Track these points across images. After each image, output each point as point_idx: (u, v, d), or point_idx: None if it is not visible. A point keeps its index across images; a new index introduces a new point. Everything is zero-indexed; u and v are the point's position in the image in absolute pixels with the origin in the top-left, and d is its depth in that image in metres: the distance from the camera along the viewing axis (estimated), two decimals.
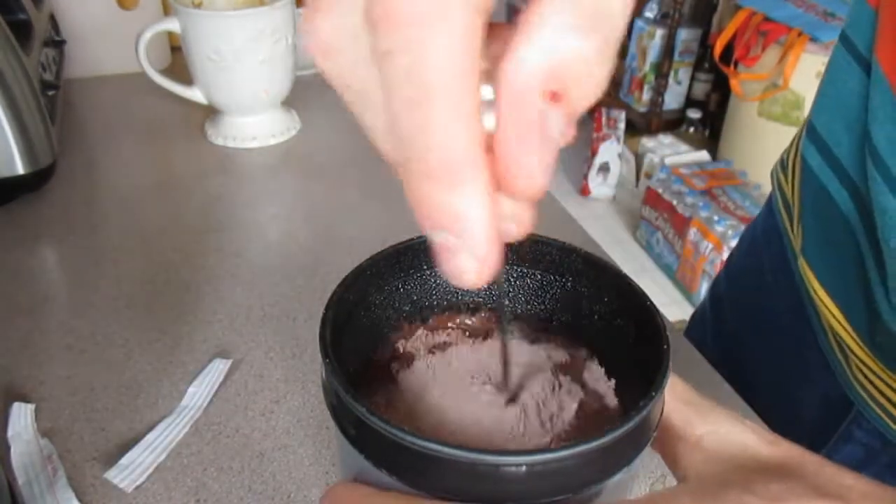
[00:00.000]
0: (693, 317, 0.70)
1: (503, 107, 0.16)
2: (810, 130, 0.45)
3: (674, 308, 1.98)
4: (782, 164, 0.53)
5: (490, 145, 0.17)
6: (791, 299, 0.51)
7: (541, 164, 0.17)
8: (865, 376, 0.44)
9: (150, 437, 0.41)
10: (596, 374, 0.28)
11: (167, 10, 0.86)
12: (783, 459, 0.22)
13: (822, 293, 0.45)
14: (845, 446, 0.47)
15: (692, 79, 2.58)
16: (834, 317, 0.44)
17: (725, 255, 1.81)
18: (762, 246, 0.56)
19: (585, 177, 2.42)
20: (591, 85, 0.16)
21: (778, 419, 0.51)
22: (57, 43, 0.75)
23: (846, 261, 0.42)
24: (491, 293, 0.30)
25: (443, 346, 0.28)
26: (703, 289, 1.96)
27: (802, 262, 0.46)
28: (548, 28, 0.16)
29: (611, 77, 0.17)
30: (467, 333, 0.29)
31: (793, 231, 0.50)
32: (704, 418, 0.23)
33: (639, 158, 2.42)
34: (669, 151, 2.32)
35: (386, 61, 0.15)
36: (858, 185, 0.41)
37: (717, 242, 1.89)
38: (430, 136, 0.16)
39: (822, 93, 0.45)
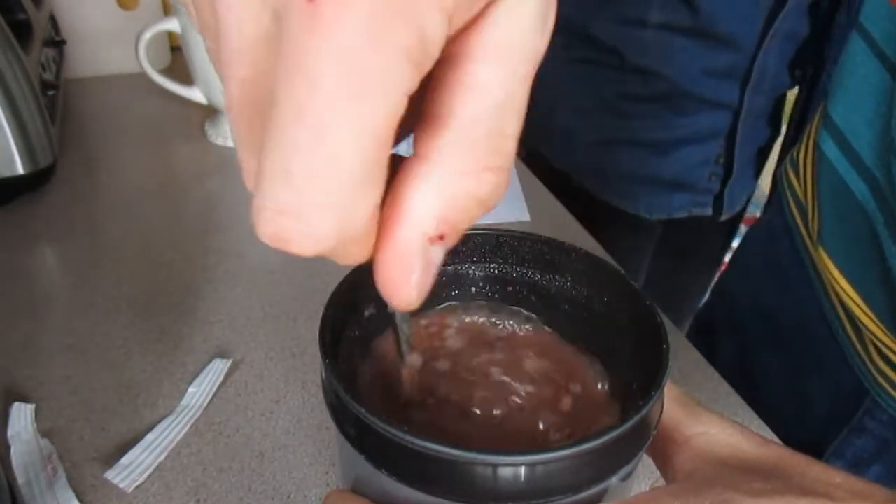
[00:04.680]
0: (697, 317, 0.70)
1: (385, 248, 0.16)
2: (827, 120, 0.45)
3: None
4: (792, 161, 0.53)
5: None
6: (805, 294, 0.51)
7: (419, 287, 0.16)
8: (887, 360, 0.44)
9: (150, 437, 0.41)
10: (592, 372, 0.28)
11: (167, 10, 0.86)
12: (771, 460, 0.22)
13: (842, 281, 0.45)
14: (858, 439, 0.48)
15: None
16: (855, 303, 0.44)
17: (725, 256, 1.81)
18: (771, 245, 0.57)
19: None
20: (481, 214, 0.16)
21: (789, 414, 0.51)
22: (57, 43, 0.75)
23: (865, 248, 0.43)
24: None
25: (442, 343, 0.28)
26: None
27: (821, 251, 0.46)
28: (440, 172, 0.15)
29: None
30: (465, 330, 0.29)
31: (806, 227, 0.50)
32: (695, 420, 0.23)
33: None
34: None
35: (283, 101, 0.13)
36: (878, 178, 0.41)
37: None
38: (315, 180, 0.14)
39: (838, 83, 0.45)
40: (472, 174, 0.15)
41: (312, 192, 0.14)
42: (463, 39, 0.14)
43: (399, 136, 0.16)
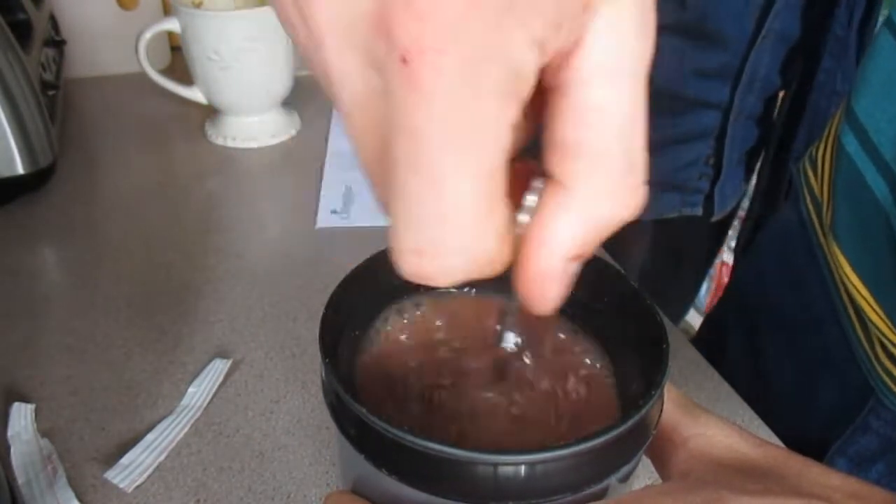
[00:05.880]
0: (709, 315, 0.70)
1: (528, 269, 0.16)
2: (849, 115, 0.45)
3: None
4: (810, 158, 0.53)
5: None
6: (817, 292, 0.51)
7: (557, 297, 0.17)
8: (892, 358, 0.44)
9: (150, 437, 0.41)
10: (593, 373, 0.28)
11: (167, 10, 0.86)
12: (768, 461, 0.22)
13: (853, 276, 0.45)
14: (862, 437, 0.48)
15: None
16: (864, 298, 0.44)
17: (725, 256, 1.81)
18: (785, 243, 0.57)
19: None
20: (620, 227, 0.16)
21: (797, 411, 0.51)
22: (57, 43, 0.75)
23: (879, 244, 0.42)
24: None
25: (443, 342, 0.28)
26: (703, 289, 1.95)
27: (833, 245, 0.46)
28: (580, 199, 0.15)
29: None
30: (467, 328, 0.29)
31: (820, 222, 0.50)
32: (693, 422, 0.23)
33: None
34: None
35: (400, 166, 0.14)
36: None
37: None
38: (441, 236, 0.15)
39: (863, 78, 0.45)
40: (611, 196, 0.16)
41: (440, 235, 0.15)
42: (571, 65, 0.15)
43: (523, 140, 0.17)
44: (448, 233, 0.14)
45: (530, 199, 0.16)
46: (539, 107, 0.15)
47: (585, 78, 0.15)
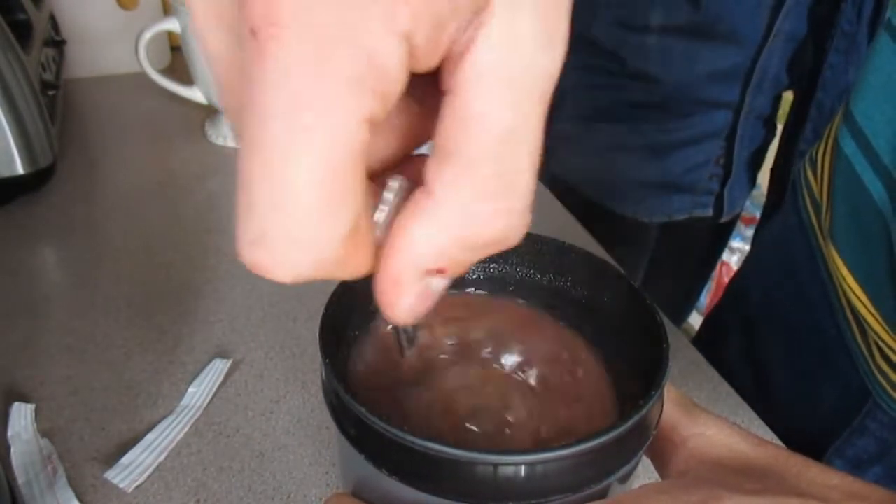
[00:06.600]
0: (708, 316, 0.70)
1: (381, 271, 0.15)
2: (847, 117, 0.45)
3: None
4: (811, 159, 0.53)
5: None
6: (817, 294, 0.51)
7: (412, 311, 0.16)
8: (888, 361, 0.44)
9: (150, 437, 0.41)
10: (593, 372, 0.28)
11: (167, 10, 0.86)
12: (767, 460, 0.22)
13: (850, 279, 0.45)
14: (860, 440, 0.48)
15: None
16: (860, 301, 0.44)
17: (726, 257, 1.81)
18: (785, 244, 0.57)
19: None
20: (493, 253, 0.15)
21: (796, 413, 0.51)
22: (57, 43, 0.75)
23: (876, 248, 0.43)
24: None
25: (443, 341, 0.28)
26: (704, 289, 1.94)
27: (830, 247, 0.46)
28: (444, 210, 0.14)
29: None
30: (468, 327, 0.29)
31: (819, 224, 0.50)
32: (693, 422, 0.23)
33: None
34: None
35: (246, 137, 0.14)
36: (895, 178, 0.41)
37: None
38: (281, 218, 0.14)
39: (863, 80, 0.45)
40: (478, 215, 0.15)
41: (274, 224, 0.14)
42: (459, 68, 0.14)
43: (421, 139, 0.16)
44: (284, 221, 0.14)
45: (386, 197, 0.16)
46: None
47: (470, 82, 0.14)
